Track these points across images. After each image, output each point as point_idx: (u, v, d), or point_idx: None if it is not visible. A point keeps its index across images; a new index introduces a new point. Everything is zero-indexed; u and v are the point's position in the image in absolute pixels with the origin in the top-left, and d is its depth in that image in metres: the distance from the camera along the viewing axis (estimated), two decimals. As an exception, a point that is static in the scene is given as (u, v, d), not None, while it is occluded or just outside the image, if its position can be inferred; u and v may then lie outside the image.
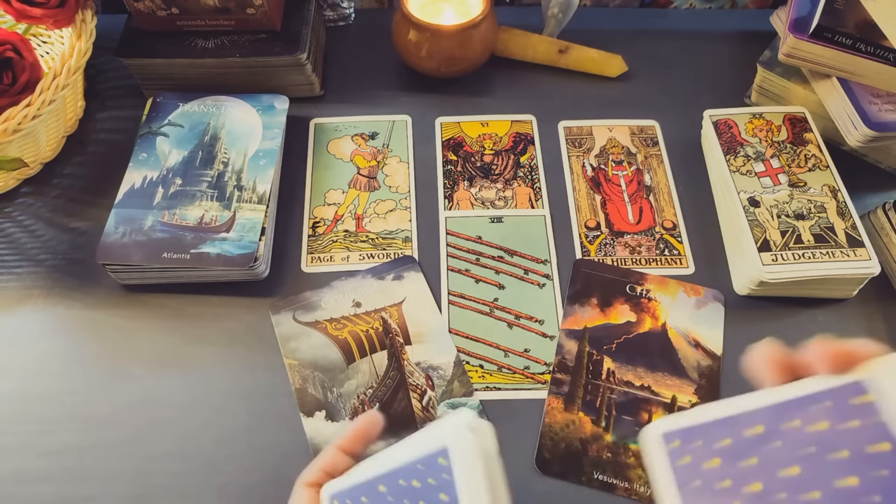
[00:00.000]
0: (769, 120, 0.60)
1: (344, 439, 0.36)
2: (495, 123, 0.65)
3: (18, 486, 0.46)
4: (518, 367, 0.51)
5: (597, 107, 0.67)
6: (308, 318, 0.53)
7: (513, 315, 0.54)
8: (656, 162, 0.62)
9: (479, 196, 0.60)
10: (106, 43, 0.62)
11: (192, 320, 0.53)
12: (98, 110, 0.66)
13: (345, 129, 0.65)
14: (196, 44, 0.62)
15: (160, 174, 0.56)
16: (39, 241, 0.57)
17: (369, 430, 0.36)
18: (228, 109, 0.61)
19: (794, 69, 0.61)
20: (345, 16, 0.73)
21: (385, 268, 0.55)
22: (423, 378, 0.50)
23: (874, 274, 0.50)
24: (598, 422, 0.48)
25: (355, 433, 0.36)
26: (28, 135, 0.55)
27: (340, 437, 0.36)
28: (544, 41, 0.68)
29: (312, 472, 0.35)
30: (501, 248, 0.57)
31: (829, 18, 0.55)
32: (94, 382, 0.50)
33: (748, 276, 0.53)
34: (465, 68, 0.66)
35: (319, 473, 0.35)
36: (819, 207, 0.53)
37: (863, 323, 0.53)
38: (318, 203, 0.60)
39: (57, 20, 0.55)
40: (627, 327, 0.52)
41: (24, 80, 0.52)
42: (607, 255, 0.56)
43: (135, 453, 0.47)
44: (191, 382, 0.50)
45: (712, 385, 0.50)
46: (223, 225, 0.53)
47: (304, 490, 0.34)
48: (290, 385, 0.50)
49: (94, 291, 0.54)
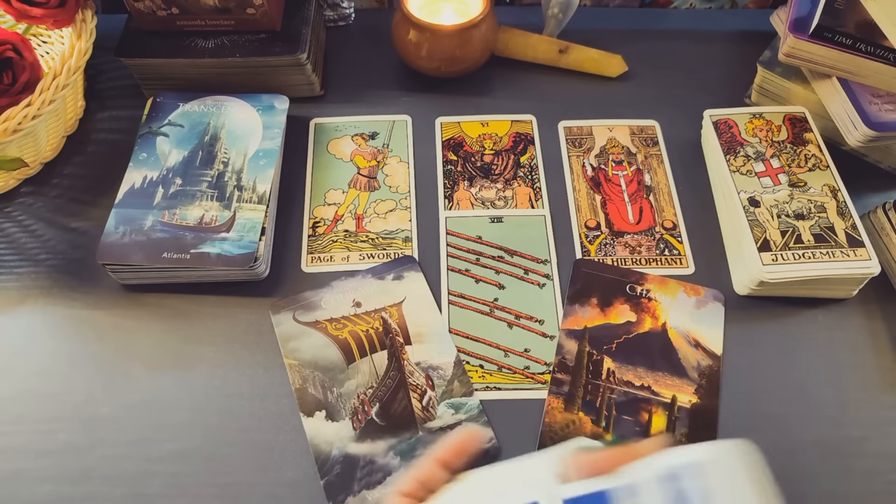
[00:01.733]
0: (769, 120, 0.60)
1: (442, 451, 0.35)
2: (495, 123, 0.65)
3: (18, 486, 0.46)
4: (518, 367, 0.51)
5: (597, 107, 0.67)
6: (308, 318, 0.53)
7: (513, 315, 0.54)
8: (656, 162, 0.62)
9: (479, 196, 0.60)
10: (106, 43, 0.62)
11: (192, 320, 0.53)
12: (98, 110, 0.66)
13: (345, 129, 0.65)
14: (196, 44, 0.62)
15: (160, 174, 0.56)
16: (39, 241, 0.57)
17: (469, 444, 0.35)
18: (228, 109, 0.61)
19: (794, 69, 0.61)
20: (345, 16, 0.73)
21: (385, 268, 0.55)
22: (423, 378, 0.50)
23: (874, 274, 0.50)
24: (598, 422, 0.48)
25: (454, 446, 0.35)
26: (28, 135, 0.55)
27: (439, 449, 0.35)
28: (544, 41, 0.68)
29: (408, 482, 0.34)
30: (501, 248, 0.57)
31: (829, 18, 0.55)
32: (94, 382, 0.50)
33: (748, 275, 0.53)
34: (465, 68, 0.66)
35: (415, 484, 0.34)
36: (819, 207, 0.53)
37: (863, 323, 0.53)
38: (318, 203, 0.60)
39: (57, 20, 0.55)
40: (627, 327, 0.52)
41: (24, 80, 0.52)
42: (607, 255, 0.56)
43: (135, 453, 0.47)
44: (191, 382, 0.50)
45: (712, 385, 0.50)
46: (223, 225, 0.53)
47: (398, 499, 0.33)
48: (290, 385, 0.50)
49: (94, 291, 0.54)
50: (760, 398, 0.50)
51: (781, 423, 0.49)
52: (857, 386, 0.50)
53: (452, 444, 0.35)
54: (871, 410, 0.49)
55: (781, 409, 0.49)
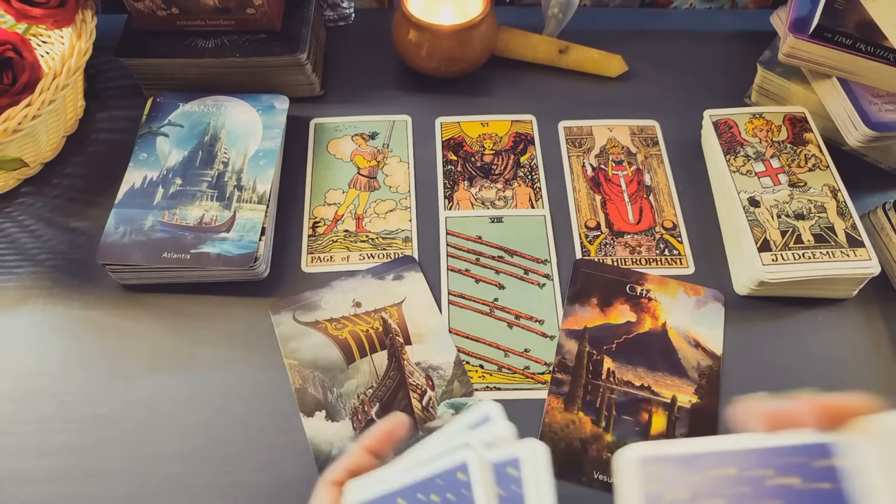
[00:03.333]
0: (769, 120, 0.60)
1: (370, 439, 0.35)
2: (495, 123, 0.65)
3: (18, 486, 0.46)
4: (518, 367, 0.51)
5: (597, 107, 0.67)
6: (308, 318, 0.53)
7: (513, 315, 0.54)
8: (656, 162, 0.62)
9: (479, 196, 0.60)
10: (106, 43, 0.62)
11: (192, 320, 0.53)
12: (98, 110, 0.66)
13: (345, 129, 0.65)
14: (196, 44, 0.62)
15: (160, 174, 0.56)
16: (39, 241, 0.57)
17: (396, 431, 0.36)
18: (228, 109, 0.61)
19: (794, 69, 0.61)
20: (345, 16, 0.73)
21: (385, 268, 0.55)
22: (423, 378, 0.50)
23: (874, 274, 0.50)
24: (598, 422, 0.48)
25: (381, 434, 0.36)
26: (28, 135, 0.55)
27: (366, 437, 0.35)
28: (544, 41, 0.68)
29: (337, 471, 0.34)
30: (501, 248, 0.57)
31: (829, 18, 0.55)
32: (94, 382, 0.50)
33: (748, 276, 0.53)
34: (465, 68, 0.66)
35: (344, 473, 0.34)
36: (819, 207, 0.53)
37: (863, 323, 0.53)
38: (318, 203, 0.60)
39: (57, 20, 0.55)
40: (627, 327, 0.52)
41: (24, 80, 0.52)
42: (607, 255, 0.56)
43: (135, 453, 0.47)
44: (191, 382, 0.50)
45: (712, 385, 0.50)
46: (223, 225, 0.53)
47: (327, 488, 0.34)
48: (290, 385, 0.50)
49: (94, 291, 0.54)
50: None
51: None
52: (857, 386, 0.50)
53: (379, 431, 0.36)
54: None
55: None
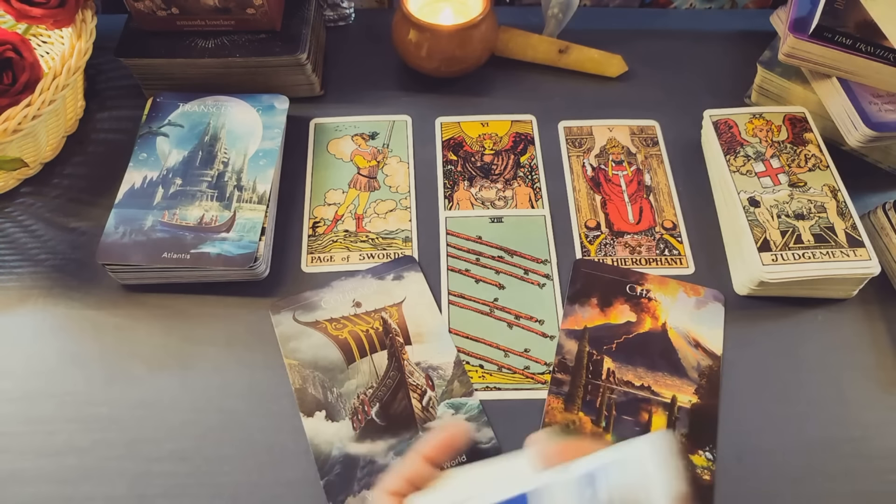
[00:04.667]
0: (769, 120, 0.60)
1: (428, 448, 0.34)
2: (495, 123, 0.65)
3: (18, 486, 0.46)
4: (518, 367, 0.51)
5: (597, 107, 0.67)
6: (308, 318, 0.53)
7: (513, 315, 0.54)
8: (656, 162, 0.62)
9: (479, 196, 0.60)
10: (106, 43, 0.62)
11: (192, 320, 0.53)
12: (98, 110, 0.66)
13: (345, 129, 0.65)
14: (196, 44, 0.62)
15: (160, 174, 0.56)
16: (39, 241, 0.57)
17: (455, 440, 0.35)
18: (228, 109, 0.61)
19: (794, 69, 0.61)
20: (345, 16, 0.73)
21: (385, 268, 0.55)
22: (423, 378, 0.50)
23: (874, 274, 0.50)
24: (598, 422, 0.48)
25: (440, 442, 0.35)
26: (28, 135, 0.55)
27: (424, 445, 0.35)
28: (544, 41, 0.68)
29: (395, 480, 0.33)
30: (501, 248, 0.57)
31: (829, 18, 0.55)
32: (94, 382, 0.50)
33: (748, 276, 0.53)
34: (465, 68, 0.66)
35: (402, 482, 0.33)
36: (819, 207, 0.53)
37: (863, 323, 0.53)
38: (318, 203, 0.60)
39: (57, 20, 0.55)
40: (627, 327, 0.52)
41: (24, 80, 0.52)
42: (607, 255, 0.56)
43: (135, 453, 0.47)
44: (191, 382, 0.50)
45: (712, 385, 0.50)
46: (223, 225, 0.53)
47: (385, 498, 0.33)
48: (290, 385, 0.50)
49: (94, 291, 0.54)
50: (760, 398, 0.50)
51: (781, 423, 0.49)
52: (857, 386, 0.50)
53: (437, 439, 0.35)
54: (871, 410, 0.49)
55: (781, 409, 0.49)
